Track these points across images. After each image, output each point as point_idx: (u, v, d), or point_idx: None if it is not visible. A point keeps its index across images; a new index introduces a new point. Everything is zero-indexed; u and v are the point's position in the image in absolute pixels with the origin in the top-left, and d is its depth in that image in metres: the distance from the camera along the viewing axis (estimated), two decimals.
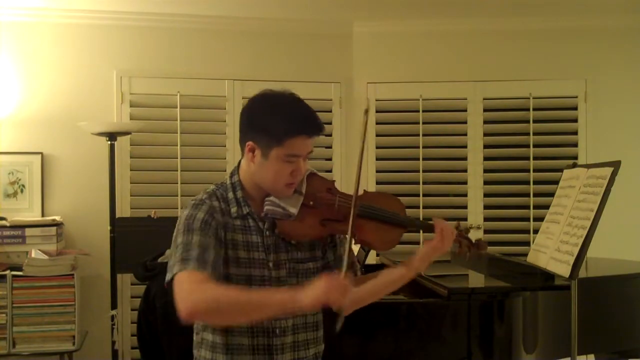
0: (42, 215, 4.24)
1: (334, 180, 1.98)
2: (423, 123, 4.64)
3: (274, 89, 1.87)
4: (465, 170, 4.65)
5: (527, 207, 4.55)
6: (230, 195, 1.87)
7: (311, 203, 1.88)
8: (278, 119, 1.79)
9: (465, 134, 4.65)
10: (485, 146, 4.64)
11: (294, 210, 1.85)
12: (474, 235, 2.18)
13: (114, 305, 4.00)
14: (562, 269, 2.51)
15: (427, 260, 1.96)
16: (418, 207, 4.55)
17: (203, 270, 1.71)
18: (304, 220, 1.86)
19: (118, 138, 4.06)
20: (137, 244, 3.69)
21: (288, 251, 1.88)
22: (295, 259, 1.88)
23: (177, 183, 4.38)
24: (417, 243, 4.50)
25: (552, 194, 2.93)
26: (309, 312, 1.87)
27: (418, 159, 4.63)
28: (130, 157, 4.42)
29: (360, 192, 1.92)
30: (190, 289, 1.67)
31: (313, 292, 1.64)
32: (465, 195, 4.64)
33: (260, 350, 1.83)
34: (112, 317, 3.95)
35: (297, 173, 1.83)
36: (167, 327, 2.89)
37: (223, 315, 1.70)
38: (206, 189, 1.91)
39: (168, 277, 1.74)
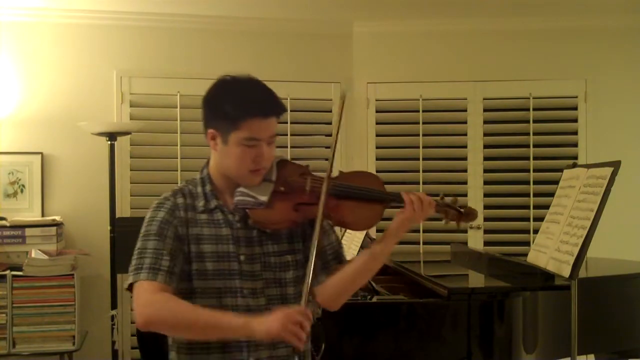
0: (42, 215, 4.24)
1: (308, 165, 1.91)
2: (423, 123, 4.64)
3: (232, 74, 1.84)
4: (465, 170, 4.66)
5: (527, 207, 4.56)
6: (199, 189, 1.84)
7: (282, 189, 1.82)
8: (233, 102, 1.76)
9: (465, 134, 4.65)
10: (485, 146, 4.64)
11: (264, 198, 1.80)
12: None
13: (114, 305, 4.00)
14: (562, 269, 2.51)
15: (402, 231, 1.86)
16: None
17: (154, 279, 1.69)
18: (276, 206, 1.80)
19: (118, 138, 4.07)
20: None
21: (262, 244, 1.82)
22: (270, 253, 1.82)
23: (177, 183, 4.37)
24: (418, 243, 4.52)
25: (552, 194, 2.92)
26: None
27: (418, 159, 4.63)
28: (130, 157, 4.42)
29: (336, 174, 1.88)
30: (145, 302, 1.67)
31: (267, 325, 1.61)
32: (466, 195, 4.63)
33: (232, 347, 1.76)
34: (112, 317, 3.95)
35: (260, 159, 1.78)
36: None
37: (177, 331, 1.71)
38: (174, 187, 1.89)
39: (127, 282, 1.74)
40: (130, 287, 1.73)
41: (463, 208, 1.96)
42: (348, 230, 3.32)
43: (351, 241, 3.33)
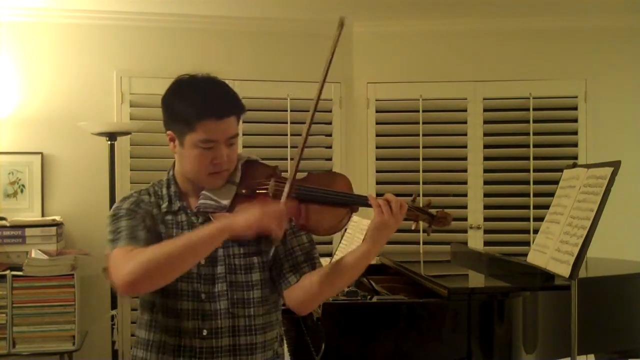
0: (42, 215, 4.24)
1: (277, 166, 1.84)
2: (423, 123, 4.64)
3: (191, 73, 1.80)
4: (465, 170, 4.65)
5: (527, 207, 4.55)
6: (164, 191, 1.83)
7: (244, 191, 1.76)
8: (188, 102, 1.72)
9: (465, 134, 4.65)
10: (485, 146, 4.64)
11: (225, 202, 1.74)
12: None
13: (114, 305, 4.00)
14: (562, 269, 2.51)
15: (377, 241, 1.73)
16: None
17: (134, 245, 1.65)
18: (237, 210, 1.72)
19: (118, 138, 4.07)
20: None
21: (226, 246, 1.76)
22: (235, 255, 1.77)
23: None
24: (418, 243, 4.51)
25: (552, 194, 2.92)
26: (245, 236, 1.67)
27: (418, 159, 4.63)
28: (130, 157, 4.42)
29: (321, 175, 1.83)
30: (122, 261, 1.60)
31: (246, 216, 1.60)
32: (465, 195, 4.64)
33: (186, 352, 1.74)
34: (112, 317, 3.96)
35: (218, 160, 1.73)
36: None
37: (163, 270, 1.59)
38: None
39: (105, 265, 1.69)
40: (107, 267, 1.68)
41: (436, 211, 1.83)
42: (348, 230, 3.31)
43: (351, 241, 3.32)
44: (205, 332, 1.74)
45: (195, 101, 1.72)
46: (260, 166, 1.84)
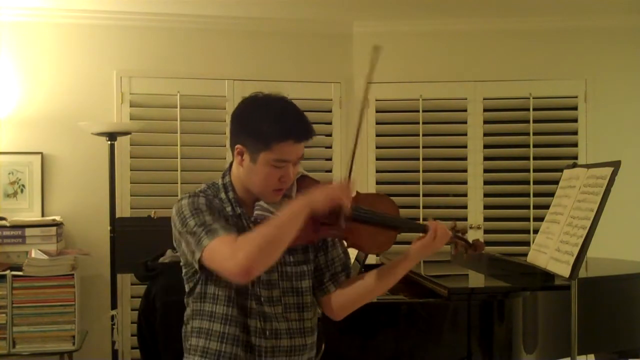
0: (42, 215, 4.24)
1: (330, 182, 1.91)
2: (423, 123, 4.64)
3: (266, 92, 1.86)
4: (465, 170, 4.65)
5: (527, 207, 4.55)
6: (223, 195, 1.86)
7: None
8: (267, 123, 1.77)
9: (465, 134, 4.65)
10: (485, 146, 4.64)
11: None
12: (472, 235, 2.12)
13: (114, 305, 4.01)
14: (562, 269, 2.51)
15: (416, 258, 1.89)
16: (418, 207, 4.55)
17: (232, 234, 1.71)
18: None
19: (118, 138, 4.07)
20: (137, 244, 3.68)
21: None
22: (287, 262, 1.86)
23: (177, 183, 4.37)
24: None
25: (552, 194, 2.92)
26: (322, 211, 1.74)
27: (418, 159, 4.63)
28: (130, 157, 4.42)
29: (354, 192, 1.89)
30: (233, 248, 1.66)
31: (322, 191, 1.70)
32: (465, 195, 4.64)
33: (254, 348, 1.82)
34: (112, 317, 3.96)
35: (286, 179, 1.81)
36: (166, 328, 2.88)
37: (272, 251, 1.68)
38: (197, 188, 1.90)
39: (197, 255, 1.71)
40: (200, 257, 1.71)
41: (473, 240, 1.99)
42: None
43: None
44: (267, 333, 1.83)
45: (276, 122, 1.77)
46: (312, 181, 1.92)
